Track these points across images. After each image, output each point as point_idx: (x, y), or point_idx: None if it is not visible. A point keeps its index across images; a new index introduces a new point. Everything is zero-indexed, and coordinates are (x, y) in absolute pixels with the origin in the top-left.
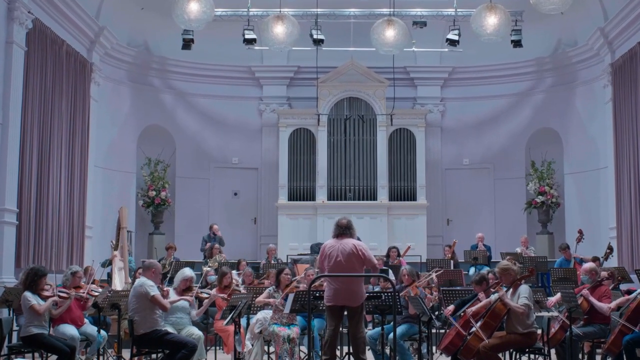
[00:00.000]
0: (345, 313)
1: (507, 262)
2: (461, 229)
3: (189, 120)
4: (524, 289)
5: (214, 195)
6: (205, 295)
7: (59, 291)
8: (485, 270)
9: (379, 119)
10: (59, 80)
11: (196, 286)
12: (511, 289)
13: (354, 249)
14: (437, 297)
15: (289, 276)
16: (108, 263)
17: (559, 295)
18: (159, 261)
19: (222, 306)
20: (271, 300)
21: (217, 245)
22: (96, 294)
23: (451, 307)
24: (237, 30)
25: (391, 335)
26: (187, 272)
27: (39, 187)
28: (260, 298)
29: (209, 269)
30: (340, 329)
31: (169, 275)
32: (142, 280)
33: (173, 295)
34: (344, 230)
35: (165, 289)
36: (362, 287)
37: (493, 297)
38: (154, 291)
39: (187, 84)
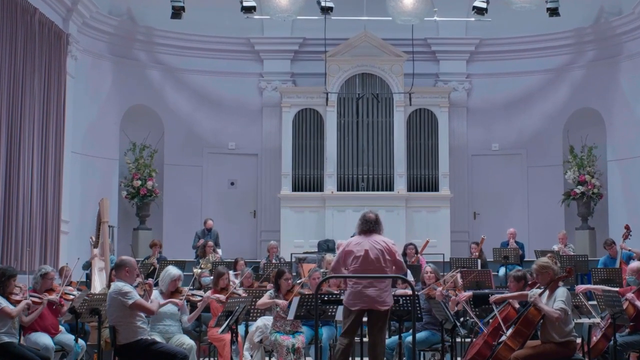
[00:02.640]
0: (365, 319)
1: (547, 259)
2: (490, 223)
3: (179, 99)
4: (561, 291)
5: (208, 185)
6: (197, 298)
7: (30, 295)
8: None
9: (395, 98)
10: (31, 54)
11: (186, 288)
12: (547, 292)
13: (386, 247)
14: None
15: (290, 281)
16: (90, 264)
17: (596, 287)
18: (143, 261)
19: (217, 312)
20: (280, 301)
21: (210, 243)
22: (71, 297)
23: (468, 294)
24: None
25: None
26: (173, 270)
27: (7, 176)
28: (262, 300)
29: (201, 270)
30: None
31: (154, 278)
32: (116, 286)
33: (159, 299)
34: (372, 225)
35: (148, 281)
36: (389, 291)
37: (531, 292)
38: (133, 298)
39: (177, 58)
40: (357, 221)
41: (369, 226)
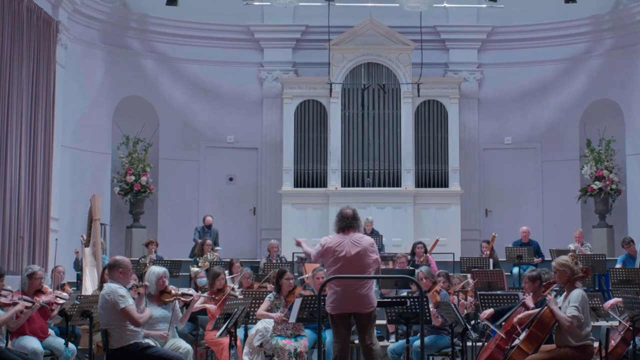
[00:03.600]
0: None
1: (568, 258)
2: (502, 221)
3: (174, 90)
4: (576, 295)
5: (205, 180)
6: (189, 299)
7: (21, 298)
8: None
9: (403, 89)
10: (18, 43)
11: (174, 287)
12: (564, 292)
13: (368, 245)
14: (473, 303)
15: (292, 281)
16: (81, 264)
17: (617, 299)
18: (138, 261)
19: (214, 314)
20: (275, 315)
21: (209, 241)
22: (62, 301)
23: (489, 311)
24: None
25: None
26: (157, 269)
27: None
28: (262, 311)
29: (198, 269)
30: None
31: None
32: (109, 287)
33: (149, 305)
34: (350, 222)
35: (144, 283)
36: (373, 290)
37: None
38: (125, 303)
39: (172, 46)
40: (334, 218)
41: (347, 223)
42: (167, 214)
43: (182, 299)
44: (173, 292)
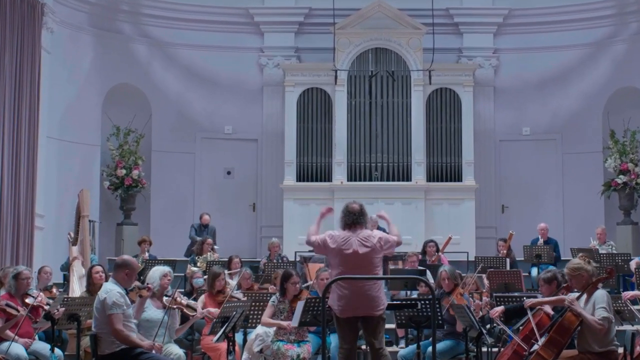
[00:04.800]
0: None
1: (579, 260)
2: (520, 217)
3: (168, 78)
4: (601, 295)
5: (201, 174)
6: (191, 312)
7: (7, 304)
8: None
9: (413, 76)
10: (1, 27)
11: (180, 295)
12: (584, 295)
13: (377, 245)
14: (488, 304)
15: (298, 285)
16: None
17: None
18: None
19: (212, 317)
20: (285, 324)
21: (209, 240)
22: (47, 307)
23: (500, 309)
24: None
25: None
26: (162, 267)
27: None
28: (267, 319)
29: (196, 269)
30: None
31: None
32: (108, 288)
33: (150, 307)
34: (357, 218)
35: (147, 285)
36: (383, 291)
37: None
38: (115, 310)
39: (166, 31)
40: (340, 214)
41: (354, 219)
42: (160, 210)
43: (186, 311)
44: (178, 299)
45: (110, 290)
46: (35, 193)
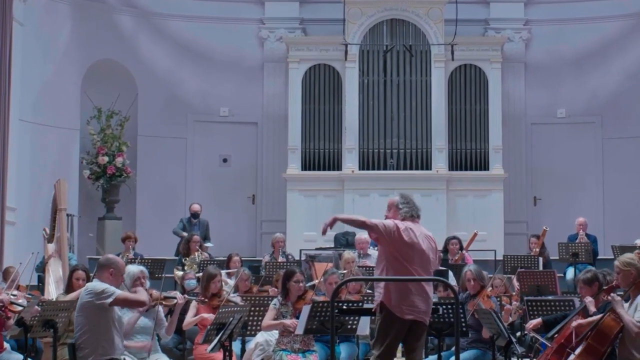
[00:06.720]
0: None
1: (633, 256)
2: (554, 211)
3: (157, 53)
4: None
5: (194, 162)
6: (172, 302)
7: None
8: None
9: (434, 51)
10: None
11: (155, 291)
12: (630, 298)
13: (434, 242)
14: (518, 310)
15: (301, 284)
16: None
17: None
18: None
19: (205, 324)
20: (288, 321)
21: (196, 237)
22: (19, 308)
23: (536, 321)
24: None
25: None
26: (133, 268)
27: None
28: (268, 321)
29: (184, 272)
30: None
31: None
32: (87, 287)
33: (128, 314)
34: (419, 212)
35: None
36: None
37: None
38: (113, 294)
39: (154, 0)
40: (399, 203)
41: (418, 212)
42: (147, 202)
43: (165, 303)
44: (154, 295)
45: (91, 286)
46: (6, 183)
